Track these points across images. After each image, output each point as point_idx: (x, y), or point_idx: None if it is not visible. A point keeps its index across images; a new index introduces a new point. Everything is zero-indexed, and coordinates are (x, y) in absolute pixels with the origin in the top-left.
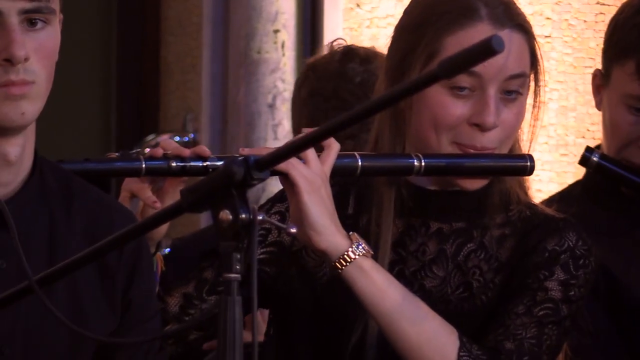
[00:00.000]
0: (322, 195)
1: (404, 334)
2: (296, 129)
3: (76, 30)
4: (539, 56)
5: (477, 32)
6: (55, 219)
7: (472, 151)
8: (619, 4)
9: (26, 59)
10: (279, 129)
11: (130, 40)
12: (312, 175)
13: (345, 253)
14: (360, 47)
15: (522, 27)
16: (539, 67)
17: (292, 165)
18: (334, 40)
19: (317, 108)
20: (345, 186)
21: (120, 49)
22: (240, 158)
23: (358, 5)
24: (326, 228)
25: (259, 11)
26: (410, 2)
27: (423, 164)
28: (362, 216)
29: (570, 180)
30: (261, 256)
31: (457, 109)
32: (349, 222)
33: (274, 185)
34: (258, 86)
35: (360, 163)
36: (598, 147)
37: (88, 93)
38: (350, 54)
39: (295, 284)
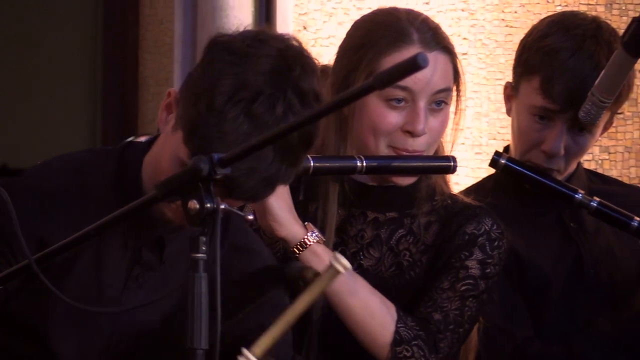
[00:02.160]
0: (281, 191)
1: (351, 309)
2: None
3: (67, 50)
4: (460, 72)
5: (410, 54)
6: None
7: (404, 153)
8: (525, 27)
9: None
10: None
11: (113, 58)
12: None
13: (302, 240)
14: (320, 64)
15: (447, 48)
16: (460, 82)
17: None
18: None
19: None
20: (295, 179)
21: (105, 65)
22: (206, 156)
23: (305, 28)
24: (286, 219)
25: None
26: (352, 26)
27: (364, 164)
28: (311, 204)
29: (483, 175)
30: None
31: (393, 118)
32: (300, 207)
33: None
34: None
35: (312, 164)
36: (507, 148)
37: (77, 102)
38: (323, 71)
39: None
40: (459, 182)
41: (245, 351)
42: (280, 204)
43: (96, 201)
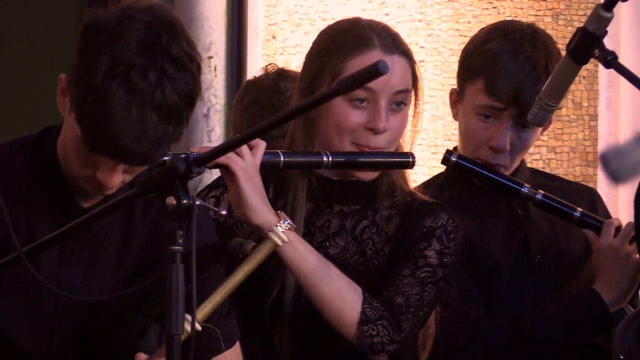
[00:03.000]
0: (255, 182)
1: (321, 291)
2: (238, 130)
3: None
4: (418, 76)
5: (371, 57)
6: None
7: (367, 150)
8: None
9: None
10: (212, 133)
11: None
12: (247, 166)
13: (275, 226)
14: (289, 70)
15: (406, 53)
16: (418, 85)
17: (231, 159)
18: (269, 64)
19: (256, 114)
20: (265, 177)
21: None
22: (182, 155)
23: (274, 37)
24: (259, 207)
25: (197, 41)
26: (318, 35)
27: (330, 159)
28: (280, 200)
29: (438, 173)
30: None
31: (356, 117)
32: (271, 204)
33: (208, 177)
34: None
35: (282, 158)
36: (456, 148)
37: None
38: (283, 74)
39: None
40: (416, 179)
41: (187, 316)
42: (254, 194)
43: (18, 188)
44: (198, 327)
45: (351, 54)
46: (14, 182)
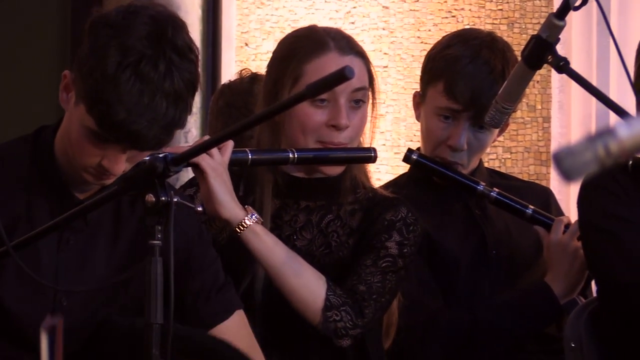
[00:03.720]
0: (224, 179)
1: (287, 280)
2: (214, 131)
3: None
4: (374, 75)
5: (329, 59)
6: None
7: (331, 146)
8: None
9: None
10: (189, 135)
11: None
12: (216, 164)
13: (243, 221)
14: (262, 74)
15: (360, 53)
16: (374, 84)
17: (201, 159)
18: (243, 69)
19: (231, 116)
20: (237, 176)
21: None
22: (160, 155)
23: (246, 44)
24: (228, 203)
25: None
26: (278, 43)
27: (296, 155)
28: (249, 197)
29: (401, 172)
30: None
31: (318, 116)
32: (240, 201)
33: (184, 176)
34: None
35: (250, 156)
36: (418, 149)
37: (48, 95)
38: (256, 78)
39: None
40: (380, 178)
41: None
42: (223, 190)
43: (18, 182)
44: None
45: (309, 57)
46: (14, 178)
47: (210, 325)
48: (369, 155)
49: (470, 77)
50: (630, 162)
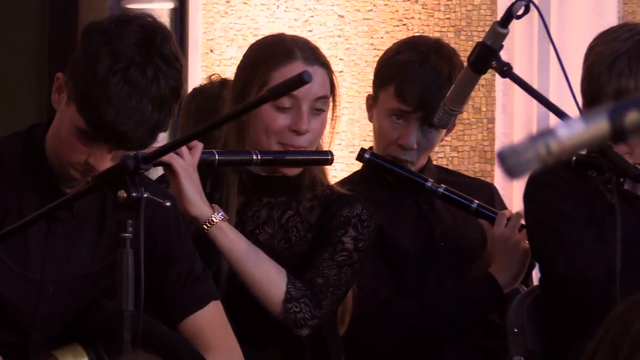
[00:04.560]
0: (193, 179)
1: (249, 273)
2: (185, 131)
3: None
4: (335, 84)
5: (295, 68)
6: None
7: (291, 149)
8: None
9: None
10: (160, 135)
11: (60, 63)
12: (186, 165)
13: (210, 218)
14: (231, 79)
15: (325, 64)
16: (335, 92)
17: (173, 159)
18: (213, 74)
19: (202, 119)
20: (204, 174)
21: (51, 73)
22: (132, 154)
23: (211, 51)
24: (197, 201)
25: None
26: (247, 49)
27: (259, 157)
28: (216, 193)
29: (355, 170)
30: None
31: (281, 120)
32: (207, 197)
33: (154, 173)
34: None
35: (217, 157)
36: (371, 148)
37: (26, 94)
38: (226, 84)
39: None
40: (336, 175)
41: None
42: (192, 189)
43: (9, 177)
44: None
45: (276, 65)
46: (5, 172)
47: (185, 313)
48: (326, 158)
49: (419, 81)
50: (574, 159)
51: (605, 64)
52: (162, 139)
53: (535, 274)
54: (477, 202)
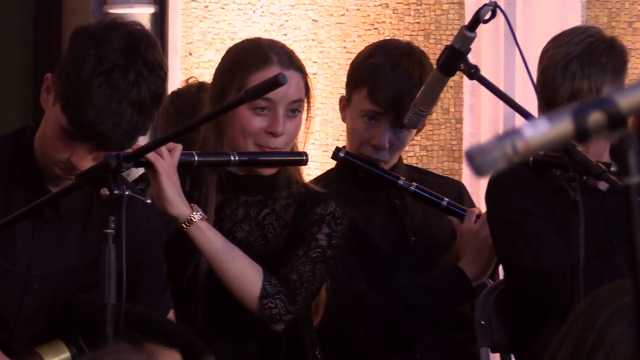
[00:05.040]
0: (173, 179)
1: (226, 270)
2: (163, 134)
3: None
4: (310, 87)
5: (271, 72)
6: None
7: (268, 150)
8: None
9: None
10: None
11: (44, 65)
12: (167, 166)
13: (189, 217)
14: (208, 83)
15: (300, 68)
16: (310, 94)
17: (154, 159)
18: (190, 78)
19: (180, 122)
20: (183, 173)
21: (36, 75)
22: (114, 154)
23: (190, 54)
24: (176, 201)
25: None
26: (226, 52)
27: (237, 158)
28: (195, 192)
29: (328, 168)
30: None
31: (258, 122)
32: (187, 195)
33: (135, 172)
34: None
35: (196, 158)
36: (344, 147)
37: (12, 96)
38: (203, 87)
39: None
40: (310, 173)
41: None
42: (172, 189)
43: (3, 181)
44: None
45: (254, 69)
46: (3, 175)
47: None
48: (301, 159)
49: (391, 83)
50: (532, 159)
51: (559, 66)
52: (143, 139)
53: (502, 269)
54: (447, 199)
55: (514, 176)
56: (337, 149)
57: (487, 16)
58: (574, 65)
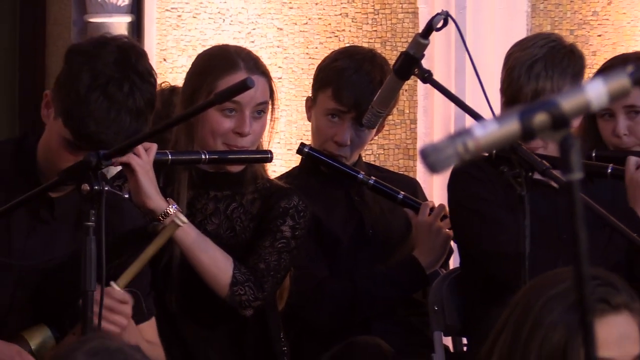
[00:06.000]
0: (150, 176)
1: (199, 259)
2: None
3: None
4: (274, 90)
5: (238, 77)
6: None
7: (235, 148)
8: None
9: None
10: None
11: (29, 72)
12: (143, 163)
13: (165, 210)
14: (179, 87)
15: (265, 73)
16: (274, 97)
17: (131, 158)
18: (162, 82)
19: (154, 121)
20: (157, 172)
21: (22, 82)
22: (94, 153)
23: (164, 60)
24: (153, 195)
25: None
26: (195, 58)
27: (207, 156)
28: (169, 188)
29: (293, 166)
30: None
31: (226, 123)
32: (160, 191)
33: (113, 170)
34: None
35: (170, 156)
36: (308, 144)
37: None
38: (175, 90)
39: None
40: (275, 170)
41: (112, 282)
42: (149, 185)
43: (2, 179)
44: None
45: (222, 74)
46: (6, 179)
47: (135, 323)
48: (266, 157)
49: (354, 85)
50: (494, 153)
51: (524, 67)
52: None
53: (453, 260)
54: (403, 193)
55: (474, 167)
56: (302, 145)
57: (439, 25)
58: (538, 67)
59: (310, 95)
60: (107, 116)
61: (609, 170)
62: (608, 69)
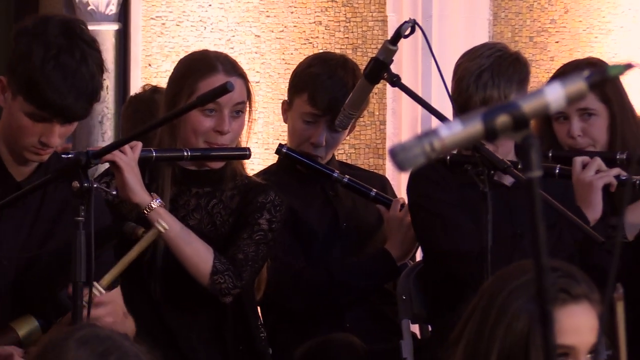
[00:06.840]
0: (135, 172)
1: (182, 250)
2: (125, 132)
3: None
4: (251, 91)
5: (217, 79)
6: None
7: (216, 146)
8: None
9: None
10: (105, 135)
11: None
12: (129, 160)
13: (149, 204)
14: (161, 87)
15: (242, 75)
16: (251, 98)
17: (117, 156)
18: (145, 84)
19: (138, 120)
20: (142, 169)
21: None
22: (84, 151)
23: (149, 65)
24: (138, 190)
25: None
26: (177, 63)
27: (189, 154)
28: (153, 184)
29: (270, 164)
30: None
31: (207, 122)
32: (146, 187)
33: (101, 167)
34: (93, 110)
35: (154, 154)
36: (286, 144)
37: None
38: (156, 90)
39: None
40: (253, 168)
41: (95, 283)
42: (134, 180)
43: None
44: (102, 291)
45: (202, 76)
46: None
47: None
48: (245, 154)
49: (328, 89)
50: (449, 157)
51: (473, 77)
52: (109, 138)
53: (419, 252)
54: (375, 190)
55: (432, 171)
56: (281, 145)
57: (407, 32)
58: (485, 76)
59: (287, 99)
60: (64, 83)
61: (557, 171)
62: (562, 74)
